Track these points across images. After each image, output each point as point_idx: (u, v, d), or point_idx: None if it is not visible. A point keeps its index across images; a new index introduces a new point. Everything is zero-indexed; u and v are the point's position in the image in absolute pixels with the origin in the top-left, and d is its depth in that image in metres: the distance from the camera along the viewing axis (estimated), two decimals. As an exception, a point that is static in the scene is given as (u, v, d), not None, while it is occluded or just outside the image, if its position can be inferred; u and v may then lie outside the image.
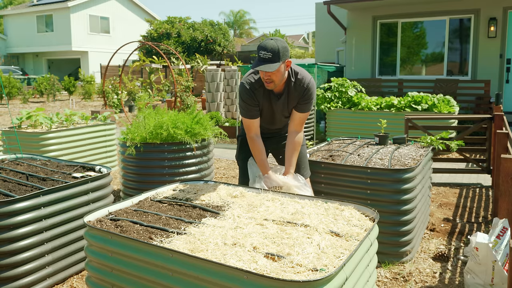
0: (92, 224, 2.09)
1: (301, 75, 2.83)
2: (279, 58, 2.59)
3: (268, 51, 2.58)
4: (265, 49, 2.59)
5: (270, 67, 2.58)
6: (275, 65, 2.58)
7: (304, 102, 2.87)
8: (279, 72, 2.67)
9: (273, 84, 2.72)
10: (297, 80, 2.82)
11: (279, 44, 2.61)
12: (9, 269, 2.70)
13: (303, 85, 2.82)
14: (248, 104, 2.83)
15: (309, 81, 2.84)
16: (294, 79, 2.82)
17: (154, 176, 4.13)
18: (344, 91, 7.97)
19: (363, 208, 2.25)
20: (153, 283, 1.84)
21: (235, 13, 45.22)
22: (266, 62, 2.58)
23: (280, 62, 2.60)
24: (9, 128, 5.43)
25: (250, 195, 2.51)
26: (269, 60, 2.58)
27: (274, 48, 2.58)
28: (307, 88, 2.83)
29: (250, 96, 2.82)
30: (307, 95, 2.85)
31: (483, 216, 4.34)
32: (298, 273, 1.57)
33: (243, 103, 2.85)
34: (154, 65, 14.62)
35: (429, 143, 3.95)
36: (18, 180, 3.08)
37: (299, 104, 2.88)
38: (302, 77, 2.83)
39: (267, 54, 2.58)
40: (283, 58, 2.62)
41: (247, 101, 2.83)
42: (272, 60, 2.58)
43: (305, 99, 2.86)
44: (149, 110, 4.38)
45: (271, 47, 2.58)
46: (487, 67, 9.87)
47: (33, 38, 30.35)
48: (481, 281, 2.70)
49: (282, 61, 2.62)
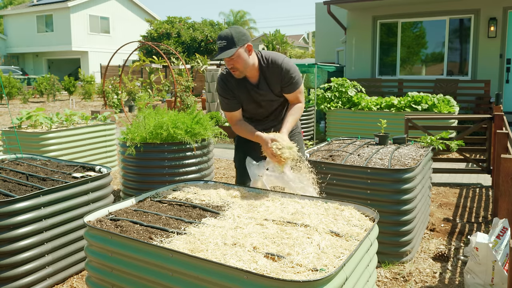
0: (92, 224, 2.09)
1: (273, 58, 2.77)
2: (234, 43, 2.59)
3: (223, 39, 2.60)
4: (220, 38, 2.62)
5: (227, 53, 2.59)
6: (231, 51, 2.59)
7: (287, 84, 2.78)
8: (240, 58, 2.64)
9: (238, 72, 2.70)
10: (269, 63, 2.76)
11: (233, 31, 2.62)
12: (9, 269, 2.70)
13: (277, 66, 2.75)
14: (224, 96, 2.84)
15: (282, 60, 2.75)
16: (266, 63, 2.77)
17: (154, 176, 4.13)
18: (344, 91, 7.97)
19: (363, 208, 2.25)
20: (153, 283, 1.84)
21: (235, 13, 45.21)
22: (223, 50, 2.60)
23: (236, 47, 2.60)
24: (9, 128, 5.43)
25: (250, 195, 2.51)
26: (225, 48, 2.60)
27: (228, 35, 2.60)
28: (282, 68, 2.74)
29: (223, 88, 2.83)
30: (287, 74, 2.75)
31: (483, 216, 4.34)
32: (298, 273, 1.57)
33: (220, 97, 2.88)
34: (154, 65, 14.62)
35: (429, 143, 3.95)
36: (18, 180, 3.08)
37: (283, 87, 2.80)
38: (274, 59, 2.76)
39: (222, 42, 2.60)
40: (239, 43, 2.61)
41: (222, 94, 2.84)
42: (228, 47, 2.59)
43: (286, 80, 2.77)
44: (149, 110, 4.38)
45: (225, 34, 2.61)
46: (487, 67, 9.87)
47: (33, 38, 30.35)
48: (481, 281, 2.70)
49: (240, 46, 2.61)
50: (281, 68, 2.75)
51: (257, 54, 2.78)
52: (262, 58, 2.77)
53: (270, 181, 2.76)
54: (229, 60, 2.64)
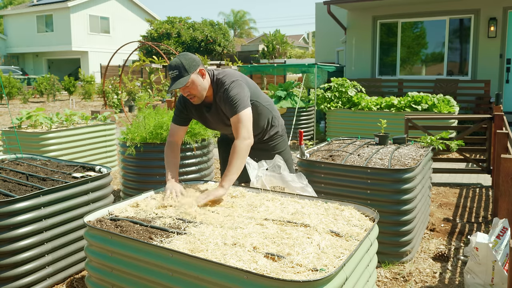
0: (92, 224, 2.09)
1: (222, 79, 2.68)
2: (186, 71, 2.55)
3: (174, 69, 2.55)
4: (170, 68, 2.57)
5: (180, 83, 2.53)
6: (184, 79, 2.54)
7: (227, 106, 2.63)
8: (195, 84, 2.59)
9: (196, 98, 2.66)
10: (217, 85, 2.70)
11: (182, 58, 2.57)
12: (9, 269, 2.70)
13: (223, 89, 2.66)
14: (178, 109, 2.83)
15: (229, 83, 2.64)
16: (215, 84, 2.71)
17: (154, 176, 4.13)
18: (344, 91, 7.97)
19: (363, 208, 2.25)
20: (153, 283, 1.84)
21: (235, 12, 45.23)
22: (176, 80, 2.55)
23: (189, 74, 2.55)
24: (9, 128, 5.43)
25: (250, 195, 2.51)
26: (177, 77, 2.55)
27: (178, 64, 2.55)
28: (226, 89, 2.64)
29: (180, 104, 2.82)
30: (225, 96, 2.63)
31: (483, 216, 4.34)
32: (298, 273, 1.57)
33: (175, 108, 2.87)
34: (154, 65, 14.62)
35: (429, 143, 3.95)
36: (18, 180, 3.08)
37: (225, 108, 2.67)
38: (222, 81, 2.68)
39: (173, 72, 2.55)
40: (191, 70, 2.56)
41: (177, 107, 2.83)
42: (180, 75, 2.55)
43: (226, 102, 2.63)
44: (149, 110, 4.39)
45: (175, 64, 2.55)
46: (487, 67, 9.87)
47: (33, 38, 30.35)
48: (481, 281, 2.70)
49: (192, 72, 2.56)
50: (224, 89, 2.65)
51: (210, 75, 2.72)
52: (213, 78, 2.71)
53: (270, 181, 2.76)
54: (184, 88, 2.59)
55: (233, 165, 2.48)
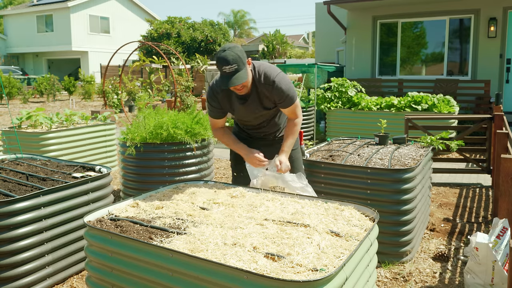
0: (92, 224, 2.09)
1: (266, 72, 2.66)
2: (243, 64, 2.50)
3: (232, 63, 2.45)
4: (227, 62, 2.45)
5: (242, 77, 2.48)
6: (244, 73, 2.49)
7: (280, 101, 2.70)
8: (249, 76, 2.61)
9: (245, 88, 2.64)
10: (261, 77, 2.67)
11: (236, 51, 2.49)
12: (9, 269, 2.70)
13: (269, 82, 2.64)
14: (211, 105, 2.83)
15: (275, 76, 2.64)
16: (258, 76, 2.67)
17: (154, 176, 4.13)
18: (344, 91, 7.97)
19: (363, 208, 2.25)
20: (153, 283, 1.84)
21: (235, 13, 45.22)
22: (235, 74, 2.47)
23: (245, 67, 2.52)
24: (9, 128, 5.43)
25: (250, 195, 2.51)
26: (236, 71, 2.47)
27: (235, 58, 2.46)
28: (275, 87, 2.64)
29: (211, 98, 2.80)
30: (279, 92, 2.66)
31: (483, 216, 4.34)
32: (298, 273, 1.57)
33: (207, 104, 2.87)
34: (154, 65, 14.62)
35: (429, 143, 3.95)
36: (18, 180, 3.08)
37: (277, 103, 2.73)
38: (267, 74, 2.66)
39: (232, 67, 2.45)
40: (245, 61, 2.54)
41: (210, 102, 2.83)
42: (239, 69, 2.47)
43: (278, 97, 2.68)
44: (149, 110, 4.39)
45: (232, 57, 2.45)
46: (487, 67, 9.87)
47: (33, 38, 30.35)
48: (481, 281, 2.70)
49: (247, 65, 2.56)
50: (273, 85, 2.64)
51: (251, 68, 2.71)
52: (255, 70, 2.68)
53: (270, 181, 2.76)
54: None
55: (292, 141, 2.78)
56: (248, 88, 2.68)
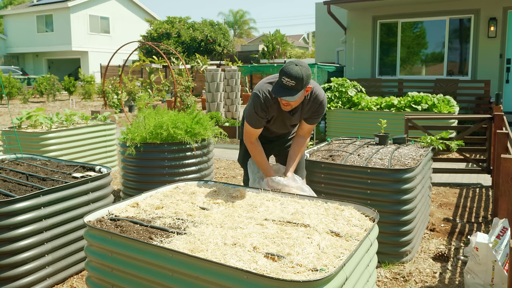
0: (92, 224, 2.09)
1: (316, 92, 2.82)
2: (302, 86, 2.52)
3: (293, 79, 2.48)
4: (289, 76, 2.48)
5: (292, 97, 2.51)
6: (297, 95, 2.52)
7: (315, 117, 2.92)
8: (299, 99, 2.65)
9: (290, 106, 2.72)
10: (311, 97, 2.81)
11: (304, 72, 2.52)
12: (9, 269, 2.70)
13: (317, 102, 2.83)
14: (259, 116, 2.78)
15: (323, 97, 2.86)
16: (309, 96, 2.80)
17: (154, 176, 4.13)
18: (344, 91, 7.97)
19: (363, 208, 2.25)
20: (153, 283, 1.84)
21: (234, 13, 45.21)
22: (289, 90, 2.51)
23: (302, 90, 2.55)
24: (9, 128, 5.43)
25: (250, 195, 2.51)
26: (292, 88, 2.51)
27: (299, 76, 2.49)
28: (320, 105, 2.85)
29: (263, 110, 2.77)
30: (320, 110, 2.89)
31: (483, 216, 4.34)
32: (298, 273, 1.57)
33: (254, 114, 2.78)
34: (154, 65, 14.62)
35: (429, 143, 3.95)
36: (18, 180, 3.08)
37: (310, 118, 2.91)
38: (316, 95, 2.82)
39: (290, 81, 2.49)
40: (305, 86, 2.56)
41: (259, 113, 2.77)
42: (296, 88, 2.51)
43: (317, 114, 2.90)
44: (149, 110, 4.38)
45: (296, 74, 2.48)
46: (487, 67, 9.87)
47: (33, 38, 30.35)
48: (481, 281, 2.70)
49: (304, 89, 2.58)
50: (319, 105, 2.85)
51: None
52: (312, 93, 2.80)
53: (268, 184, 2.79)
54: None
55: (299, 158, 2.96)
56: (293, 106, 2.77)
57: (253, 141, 2.91)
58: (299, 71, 2.50)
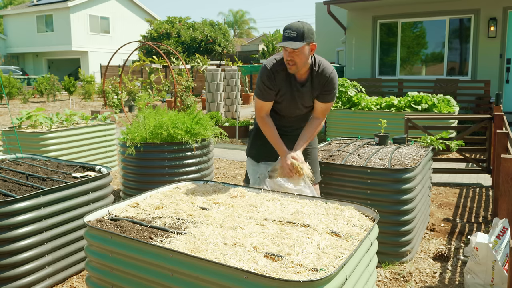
0: (92, 224, 2.09)
1: (324, 66, 2.80)
2: (303, 38, 2.59)
3: (293, 30, 2.59)
4: (290, 28, 2.61)
5: (293, 44, 2.57)
6: (299, 43, 2.58)
7: (326, 92, 2.82)
8: (303, 54, 2.64)
9: (295, 67, 2.68)
10: (320, 69, 2.78)
11: (305, 25, 2.63)
12: (9, 269, 2.70)
13: (325, 74, 2.78)
14: (265, 85, 2.78)
15: (331, 71, 2.81)
16: (317, 68, 2.78)
17: (154, 176, 4.13)
18: (344, 91, 7.97)
19: (363, 208, 2.25)
20: (153, 283, 1.84)
21: (234, 13, 45.21)
22: (290, 40, 2.59)
23: (304, 42, 2.60)
24: (9, 128, 5.43)
25: (250, 195, 2.51)
26: (293, 39, 2.59)
27: (299, 28, 2.60)
28: (329, 78, 2.78)
29: (269, 78, 2.77)
30: (330, 85, 2.80)
31: (483, 216, 4.34)
32: (298, 273, 1.57)
33: (261, 84, 2.81)
34: (154, 65, 14.62)
35: (429, 143, 3.95)
36: (18, 180, 3.08)
37: (321, 94, 2.83)
38: (324, 67, 2.79)
39: (292, 33, 2.59)
40: (307, 39, 2.61)
41: (265, 82, 2.78)
42: (296, 39, 2.59)
43: (327, 89, 2.81)
44: (149, 110, 4.39)
45: (296, 26, 2.60)
46: (487, 67, 9.87)
47: (33, 38, 30.35)
48: (481, 281, 2.70)
49: (307, 42, 2.61)
50: (328, 77, 2.79)
51: (311, 56, 2.78)
52: (315, 62, 2.79)
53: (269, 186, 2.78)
54: (291, 52, 2.62)
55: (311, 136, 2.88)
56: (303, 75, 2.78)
57: (263, 116, 2.87)
58: (300, 24, 2.63)
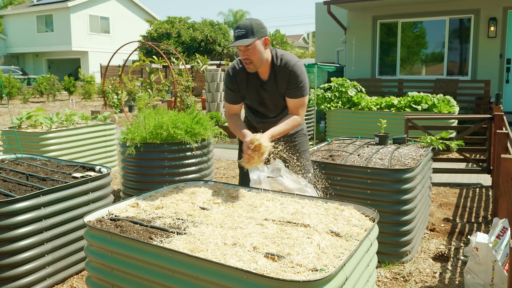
0: (92, 224, 2.09)
1: (286, 58, 2.72)
2: (252, 33, 2.57)
3: (242, 28, 2.57)
4: (238, 27, 2.59)
5: (244, 42, 2.55)
6: (248, 40, 2.56)
7: (292, 87, 2.71)
8: (256, 50, 2.61)
9: (252, 65, 2.65)
10: (282, 62, 2.72)
11: (253, 21, 2.61)
12: (9, 269, 2.70)
13: (288, 67, 2.69)
14: (229, 88, 2.82)
15: (295, 62, 2.70)
16: (279, 61, 2.72)
17: (154, 176, 4.13)
18: (344, 91, 7.97)
19: (363, 208, 2.25)
20: (153, 283, 1.84)
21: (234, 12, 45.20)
22: (240, 38, 2.57)
23: (254, 37, 2.57)
24: (9, 128, 5.43)
25: (250, 195, 2.51)
26: (242, 36, 2.57)
27: (247, 25, 2.58)
28: (292, 71, 2.68)
29: (231, 80, 2.80)
30: (294, 77, 2.69)
31: (483, 216, 4.34)
32: (298, 273, 1.57)
33: (225, 87, 2.86)
34: (154, 65, 14.63)
35: (429, 143, 3.95)
36: (18, 180, 3.08)
37: (288, 89, 2.73)
38: (287, 60, 2.70)
39: (240, 31, 2.57)
40: (257, 34, 2.58)
41: (228, 85, 2.82)
42: (246, 36, 2.56)
43: (292, 83, 2.70)
44: (149, 110, 4.38)
45: (244, 24, 2.59)
46: (487, 67, 9.87)
47: (33, 38, 30.35)
48: (481, 281, 2.70)
49: (258, 37, 2.58)
50: (290, 70, 2.69)
51: (271, 51, 2.74)
52: (276, 56, 2.73)
53: (270, 185, 2.77)
54: (244, 50, 2.59)
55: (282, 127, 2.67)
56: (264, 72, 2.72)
57: (231, 115, 2.89)
58: (247, 21, 2.62)
